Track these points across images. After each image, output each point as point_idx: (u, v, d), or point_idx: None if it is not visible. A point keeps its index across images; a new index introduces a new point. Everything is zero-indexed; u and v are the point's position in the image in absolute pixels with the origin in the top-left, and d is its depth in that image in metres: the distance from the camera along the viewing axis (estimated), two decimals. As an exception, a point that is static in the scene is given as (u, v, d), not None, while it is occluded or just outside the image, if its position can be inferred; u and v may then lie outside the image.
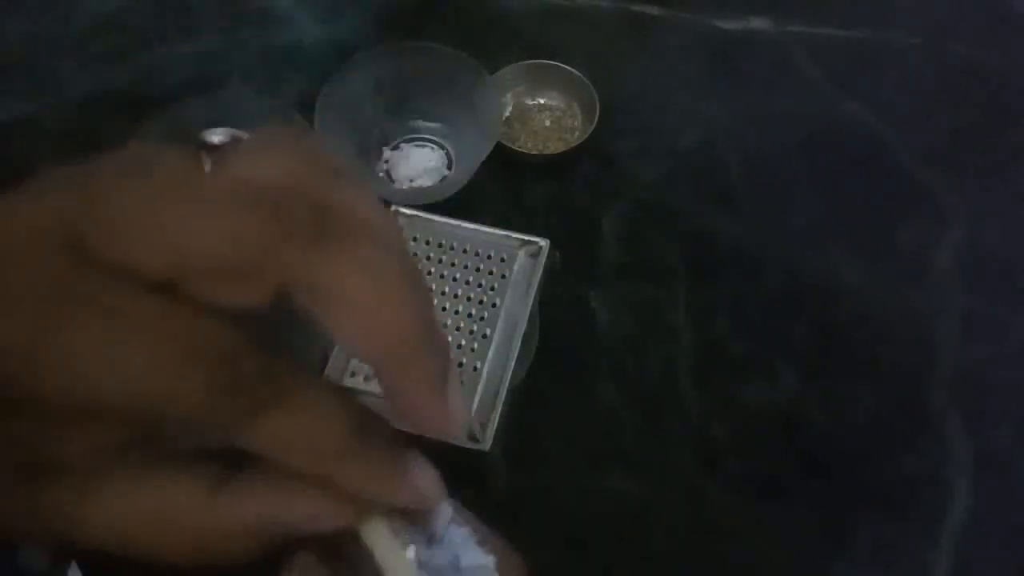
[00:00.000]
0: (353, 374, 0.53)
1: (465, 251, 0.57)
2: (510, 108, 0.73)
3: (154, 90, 0.73)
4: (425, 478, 0.21)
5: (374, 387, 0.53)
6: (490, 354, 0.54)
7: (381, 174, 0.70)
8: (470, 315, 0.55)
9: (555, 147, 0.70)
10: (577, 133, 0.71)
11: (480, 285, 0.56)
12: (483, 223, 0.58)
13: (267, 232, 0.17)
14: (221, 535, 0.19)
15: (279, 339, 0.22)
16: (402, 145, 0.71)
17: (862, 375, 0.61)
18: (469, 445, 0.51)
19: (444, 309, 0.55)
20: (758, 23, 0.79)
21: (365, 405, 0.20)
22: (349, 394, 0.21)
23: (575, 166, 0.70)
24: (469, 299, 0.56)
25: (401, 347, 0.19)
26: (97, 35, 0.78)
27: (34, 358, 0.17)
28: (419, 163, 0.70)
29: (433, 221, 0.58)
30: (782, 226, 0.68)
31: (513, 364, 0.53)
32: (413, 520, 0.22)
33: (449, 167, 0.70)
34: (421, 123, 0.72)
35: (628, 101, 0.74)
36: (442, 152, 0.71)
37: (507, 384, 0.52)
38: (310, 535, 0.20)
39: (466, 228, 0.58)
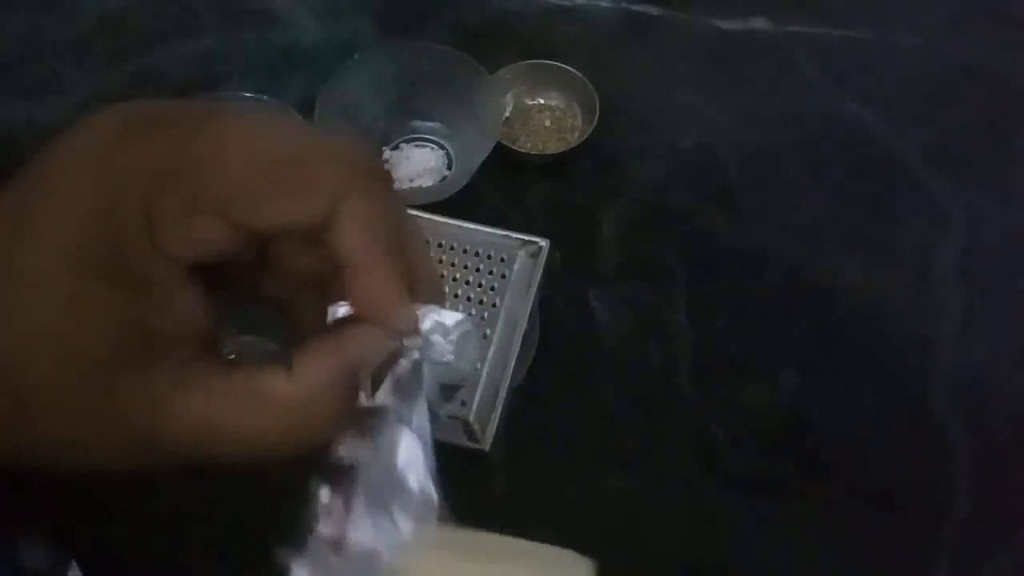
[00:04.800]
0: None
1: (465, 251, 0.57)
2: (510, 108, 0.73)
3: (154, 90, 0.73)
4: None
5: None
6: (490, 354, 0.54)
7: (381, 174, 0.70)
8: (470, 315, 0.55)
9: (555, 147, 0.70)
10: (577, 133, 0.71)
11: (480, 285, 0.56)
12: (483, 223, 0.58)
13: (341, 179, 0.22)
14: (306, 404, 0.22)
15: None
16: (402, 145, 0.71)
17: (862, 375, 0.61)
18: (469, 445, 0.51)
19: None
20: (758, 23, 0.79)
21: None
22: None
23: (575, 166, 0.70)
24: (469, 299, 0.56)
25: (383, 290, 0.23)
26: (97, 35, 0.78)
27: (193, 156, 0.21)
28: (419, 163, 0.70)
29: (433, 221, 0.58)
30: (782, 226, 0.68)
31: (513, 364, 0.53)
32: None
33: (449, 167, 0.70)
34: (421, 123, 0.72)
35: (628, 101, 0.74)
36: (442, 152, 0.71)
37: (507, 384, 0.52)
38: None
39: (466, 228, 0.58)
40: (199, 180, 0.21)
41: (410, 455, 0.23)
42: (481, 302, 0.56)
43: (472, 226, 0.58)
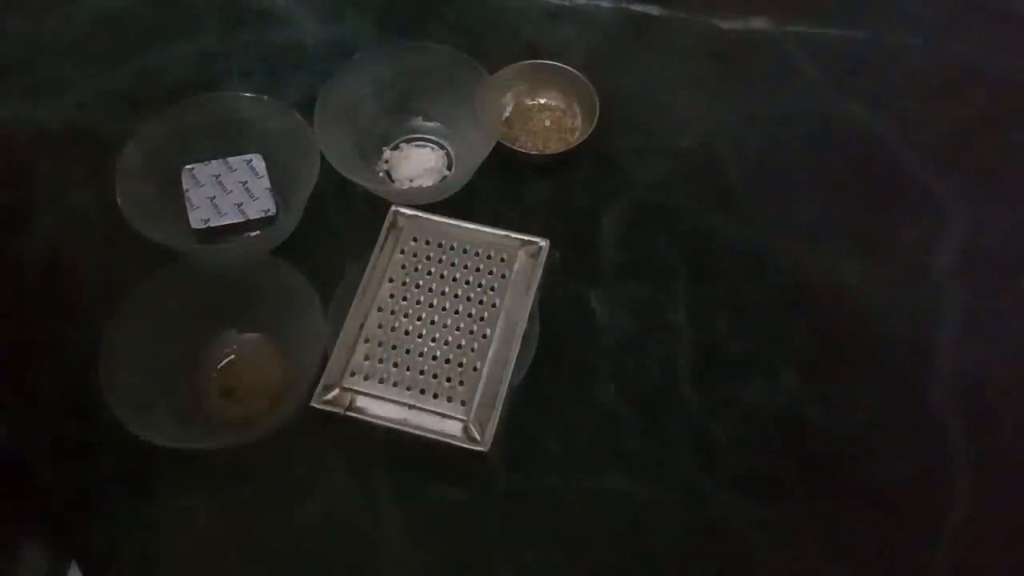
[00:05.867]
0: (353, 373, 0.53)
1: (465, 251, 0.57)
2: (510, 108, 0.73)
3: (154, 90, 0.73)
4: None
5: (373, 388, 0.53)
6: (490, 354, 0.54)
7: (381, 174, 0.70)
8: (470, 315, 0.55)
9: (555, 147, 0.70)
10: (577, 133, 0.71)
11: (480, 285, 0.56)
12: (483, 223, 0.58)
13: None
14: None
15: (284, 334, 0.24)
16: (402, 145, 0.71)
17: (862, 375, 0.61)
18: (469, 445, 0.51)
19: (444, 309, 0.55)
20: (758, 23, 0.79)
21: None
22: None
23: (575, 166, 0.70)
24: (469, 299, 0.56)
25: None
26: (97, 35, 0.78)
27: None
28: (419, 163, 0.70)
29: (433, 221, 0.58)
30: (782, 226, 0.68)
31: (513, 364, 0.53)
32: None
33: (449, 167, 0.70)
34: (421, 123, 0.72)
35: (628, 101, 0.74)
36: (442, 152, 0.71)
37: (507, 384, 0.52)
38: None
39: (466, 228, 0.58)
40: None
41: None
42: (481, 302, 0.56)
43: (472, 226, 0.58)
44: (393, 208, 0.59)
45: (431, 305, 0.56)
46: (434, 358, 0.54)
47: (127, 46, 0.77)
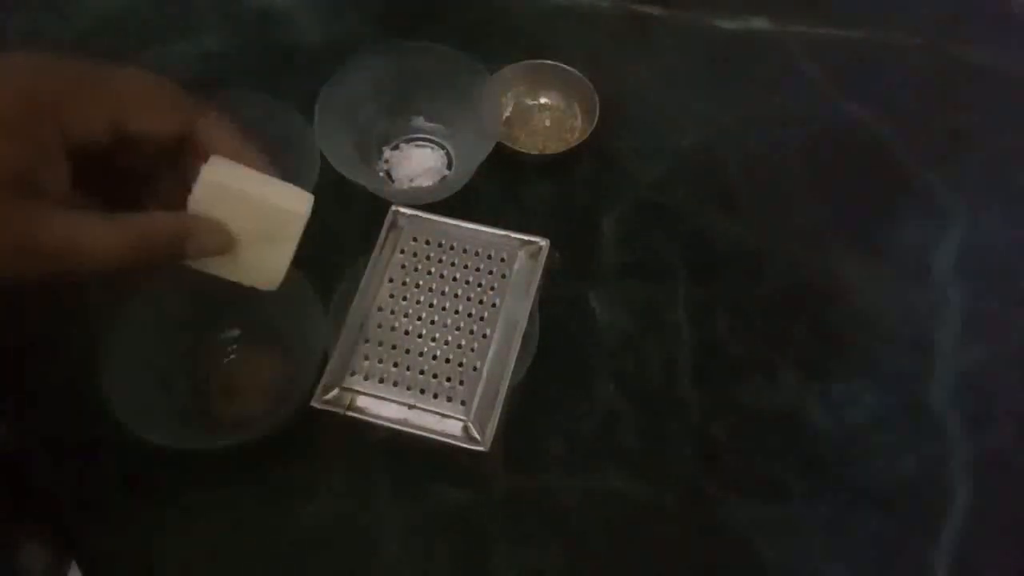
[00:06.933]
0: (353, 373, 0.53)
1: (465, 251, 0.57)
2: (510, 108, 0.73)
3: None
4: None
5: (373, 388, 0.53)
6: (490, 354, 0.53)
7: (381, 174, 0.70)
8: (470, 315, 0.55)
9: (555, 147, 0.70)
10: (577, 133, 0.71)
11: (480, 285, 0.56)
12: (483, 223, 0.58)
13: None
14: (132, 242, 0.37)
15: (284, 334, 0.24)
16: (402, 145, 0.71)
17: (862, 375, 0.62)
18: (469, 445, 0.51)
19: (444, 309, 0.55)
20: (758, 23, 0.79)
21: None
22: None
23: (575, 166, 0.70)
24: (469, 299, 0.56)
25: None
26: (97, 35, 0.78)
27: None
28: (419, 163, 0.70)
29: (433, 221, 0.58)
30: (782, 226, 0.68)
31: (513, 364, 0.53)
32: None
33: (449, 167, 0.70)
34: (421, 123, 0.72)
35: (628, 101, 0.74)
36: (442, 152, 0.71)
37: (507, 384, 0.52)
38: None
39: (466, 228, 0.58)
40: (102, 96, 0.37)
41: None
42: (481, 302, 0.56)
43: (472, 226, 0.58)
44: (393, 208, 0.59)
45: (431, 305, 0.56)
46: (434, 358, 0.54)
47: (127, 46, 0.77)
